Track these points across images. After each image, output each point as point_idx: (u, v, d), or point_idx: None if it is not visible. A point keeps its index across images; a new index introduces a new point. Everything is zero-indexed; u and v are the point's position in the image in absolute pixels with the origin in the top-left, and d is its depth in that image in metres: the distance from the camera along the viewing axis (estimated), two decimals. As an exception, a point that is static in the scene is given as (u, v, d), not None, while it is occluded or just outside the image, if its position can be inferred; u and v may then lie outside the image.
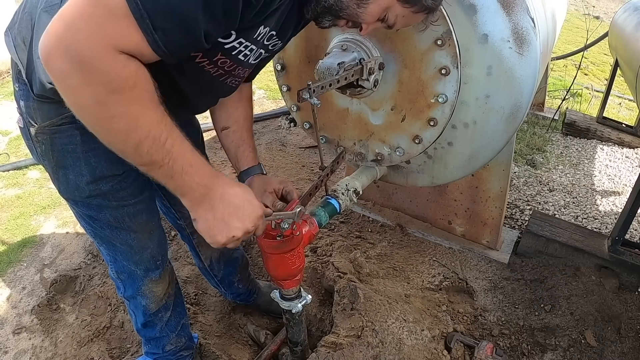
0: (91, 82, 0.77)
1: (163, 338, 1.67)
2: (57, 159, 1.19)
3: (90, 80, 0.76)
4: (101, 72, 0.76)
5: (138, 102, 0.81)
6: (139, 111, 0.82)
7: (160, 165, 0.88)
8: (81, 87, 0.77)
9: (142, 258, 1.44)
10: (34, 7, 1.07)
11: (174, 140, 0.88)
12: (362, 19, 1.02)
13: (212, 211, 0.98)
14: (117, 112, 0.80)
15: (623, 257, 2.26)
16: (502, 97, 1.45)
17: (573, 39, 7.09)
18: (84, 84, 0.77)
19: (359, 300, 1.83)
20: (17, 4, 1.17)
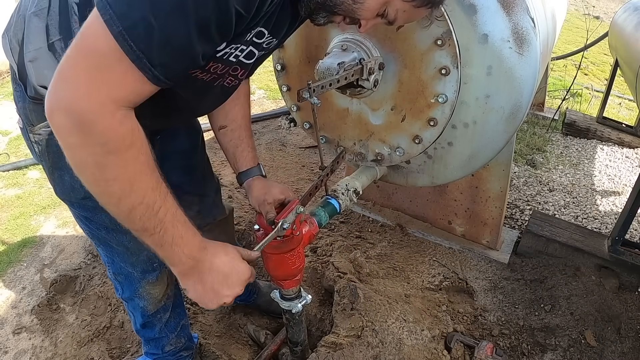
0: (89, 142, 0.76)
1: (162, 339, 1.67)
2: (53, 160, 1.19)
3: (88, 140, 0.76)
4: (98, 131, 0.76)
5: (134, 164, 0.81)
6: (134, 175, 0.82)
7: (152, 233, 0.88)
8: (80, 146, 0.77)
9: (139, 260, 1.43)
10: (26, 9, 1.07)
11: (167, 209, 0.88)
12: (359, 14, 0.98)
13: (201, 283, 1.00)
14: (113, 174, 0.80)
15: (623, 257, 2.26)
16: (502, 97, 1.45)
17: (573, 39, 7.09)
18: (83, 143, 0.77)
19: (359, 300, 1.83)
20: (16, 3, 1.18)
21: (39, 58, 1.06)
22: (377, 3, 0.96)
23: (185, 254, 0.95)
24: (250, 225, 2.58)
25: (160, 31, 0.74)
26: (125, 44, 0.73)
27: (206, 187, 1.67)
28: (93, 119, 0.75)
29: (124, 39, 0.73)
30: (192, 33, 0.78)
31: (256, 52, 1.05)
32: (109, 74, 0.75)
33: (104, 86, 0.75)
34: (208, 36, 0.81)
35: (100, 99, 0.75)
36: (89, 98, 0.74)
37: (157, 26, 0.74)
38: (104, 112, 0.75)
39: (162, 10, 0.73)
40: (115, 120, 0.77)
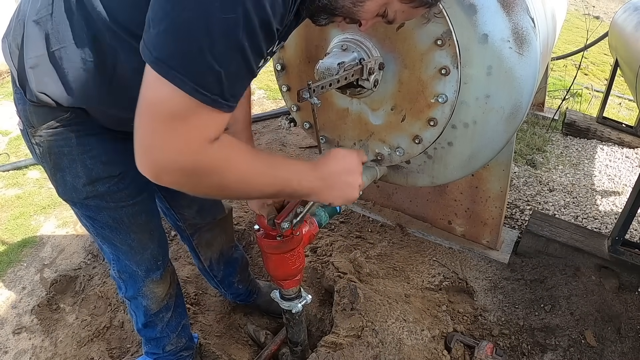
0: (206, 180, 0.86)
1: (163, 338, 1.67)
2: (54, 161, 1.20)
3: (201, 181, 0.86)
4: (206, 172, 0.85)
5: (243, 163, 0.91)
6: (247, 171, 0.92)
7: (282, 189, 1.00)
8: (196, 184, 0.87)
9: (143, 258, 1.44)
10: (25, 15, 1.07)
11: (277, 167, 0.98)
12: (359, 16, 1.00)
13: (335, 188, 1.12)
14: (233, 183, 0.91)
15: (623, 257, 2.26)
16: (502, 97, 1.45)
17: (573, 39, 7.09)
18: (198, 183, 0.86)
19: (359, 300, 1.83)
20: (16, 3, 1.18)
21: (39, 65, 1.06)
22: (377, 5, 0.98)
23: (310, 180, 1.06)
24: (250, 225, 2.58)
25: (228, 72, 0.79)
26: (201, 96, 0.78)
27: None
28: (196, 165, 0.83)
29: (198, 92, 0.77)
30: (252, 61, 0.83)
31: (269, 57, 1.09)
32: (192, 124, 0.80)
33: (193, 138, 0.81)
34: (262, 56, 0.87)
35: (193, 148, 0.81)
36: (185, 153, 0.81)
37: (223, 71, 0.78)
38: (201, 155, 0.83)
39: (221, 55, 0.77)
40: (213, 150, 0.84)
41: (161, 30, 0.76)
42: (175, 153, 0.80)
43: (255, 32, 0.79)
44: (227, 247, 1.88)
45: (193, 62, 0.76)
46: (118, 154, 1.25)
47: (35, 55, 1.06)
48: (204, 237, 1.78)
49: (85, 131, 1.17)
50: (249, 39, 0.79)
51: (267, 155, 1.00)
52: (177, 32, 0.75)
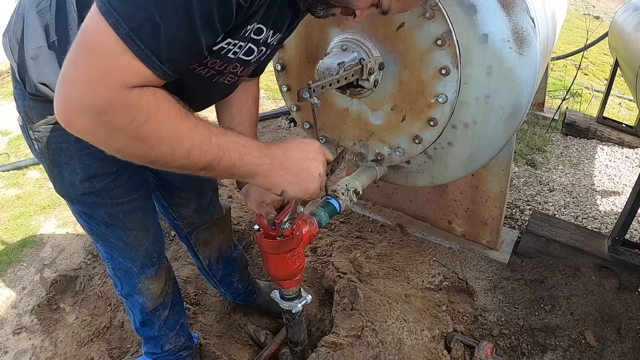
0: (118, 127, 0.77)
1: (162, 337, 1.67)
2: (52, 157, 1.21)
3: (115, 126, 0.76)
4: (122, 111, 0.76)
5: (170, 120, 0.81)
6: (175, 127, 0.82)
7: (219, 160, 0.88)
8: (110, 135, 0.77)
9: (138, 255, 1.45)
10: (25, 8, 1.09)
11: (217, 134, 0.88)
12: (354, 5, 0.99)
13: (289, 171, 0.99)
14: (156, 136, 0.81)
15: (623, 257, 2.26)
16: (502, 97, 1.45)
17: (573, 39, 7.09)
18: (112, 131, 0.77)
19: (359, 300, 1.83)
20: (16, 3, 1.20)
21: (40, 56, 1.07)
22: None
23: (256, 155, 0.94)
24: (250, 225, 2.58)
25: (167, 29, 0.75)
26: (134, 45, 0.73)
27: (204, 186, 1.67)
28: (111, 105, 0.74)
29: (132, 40, 0.73)
30: (198, 27, 0.78)
31: (255, 48, 1.05)
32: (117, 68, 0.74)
33: (113, 76, 0.74)
34: (212, 27, 0.81)
35: (112, 85, 0.74)
36: (101, 89, 0.73)
37: (163, 25, 0.74)
38: (119, 95, 0.75)
39: (167, 9, 0.73)
40: (134, 96, 0.76)
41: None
42: (90, 91, 0.73)
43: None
44: (225, 247, 1.88)
45: (136, 8, 0.72)
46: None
47: (36, 47, 1.07)
48: (201, 236, 1.78)
49: None
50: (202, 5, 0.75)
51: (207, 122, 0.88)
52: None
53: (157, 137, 0.80)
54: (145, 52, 0.74)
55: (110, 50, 0.73)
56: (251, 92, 1.41)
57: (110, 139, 0.78)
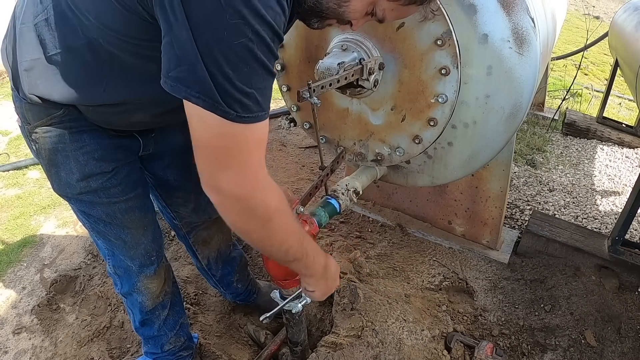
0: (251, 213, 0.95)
1: (161, 337, 1.68)
2: (49, 157, 1.22)
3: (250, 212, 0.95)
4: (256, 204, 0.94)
5: (287, 222, 1.01)
6: (288, 230, 1.02)
7: (301, 259, 1.10)
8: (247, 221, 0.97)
9: (137, 253, 1.46)
10: (18, 19, 1.10)
11: (305, 239, 1.09)
12: (347, 16, 1.00)
13: (324, 280, 1.25)
14: (276, 235, 1.01)
15: (623, 257, 2.26)
16: (502, 97, 1.45)
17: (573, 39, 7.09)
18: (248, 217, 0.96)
19: (359, 300, 1.83)
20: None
21: (34, 68, 1.09)
22: (363, 4, 0.97)
23: (321, 264, 1.20)
24: (250, 225, 2.58)
25: (257, 91, 0.85)
26: (246, 119, 0.85)
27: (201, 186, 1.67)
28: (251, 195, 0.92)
29: (240, 117, 0.84)
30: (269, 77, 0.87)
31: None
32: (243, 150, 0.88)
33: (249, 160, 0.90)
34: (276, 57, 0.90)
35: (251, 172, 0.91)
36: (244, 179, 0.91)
37: (252, 91, 0.84)
38: (261, 180, 0.92)
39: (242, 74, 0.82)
40: (266, 191, 0.93)
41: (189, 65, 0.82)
42: (233, 184, 0.89)
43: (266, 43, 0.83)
44: (224, 246, 1.88)
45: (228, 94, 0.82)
46: (111, 150, 1.26)
47: (30, 59, 1.08)
48: (200, 236, 1.78)
49: (78, 128, 1.19)
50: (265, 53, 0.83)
51: (299, 222, 1.11)
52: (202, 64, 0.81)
53: (278, 235, 1.01)
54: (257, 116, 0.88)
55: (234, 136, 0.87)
56: None
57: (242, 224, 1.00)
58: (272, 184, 0.96)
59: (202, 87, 0.81)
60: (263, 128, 0.89)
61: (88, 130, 1.20)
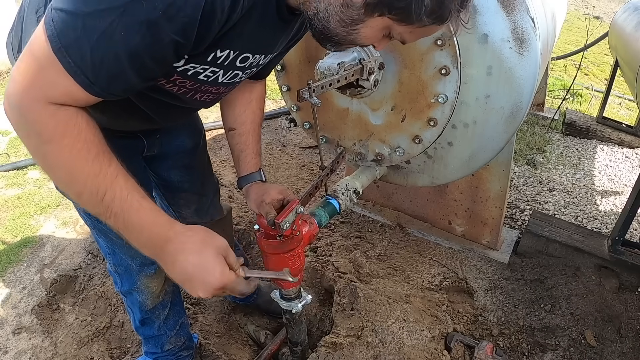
0: (28, 134, 0.83)
1: (161, 337, 1.67)
2: None
3: (27, 132, 0.83)
4: (32, 123, 0.81)
5: (70, 152, 0.82)
6: (73, 163, 0.83)
7: (105, 218, 0.88)
8: (25, 137, 0.84)
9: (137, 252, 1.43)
10: (25, 11, 1.10)
11: (114, 195, 0.86)
12: (360, 42, 0.97)
13: (172, 270, 0.94)
14: (53, 162, 0.84)
15: (623, 257, 2.26)
16: (502, 97, 1.45)
17: (573, 39, 7.09)
18: (25, 135, 0.83)
19: (359, 300, 1.83)
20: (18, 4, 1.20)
21: None
22: (374, 31, 0.94)
23: (142, 241, 0.92)
24: (250, 225, 2.58)
25: (92, 56, 0.78)
26: (64, 60, 0.77)
27: (205, 187, 1.67)
28: (26, 113, 0.80)
29: (62, 55, 0.77)
30: (123, 61, 0.79)
31: (240, 72, 1.06)
32: (44, 77, 0.79)
33: (38, 86, 0.79)
34: (142, 64, 0.82)
35: (33, 95, 0.79)
36: (24, 94, 0.79)
37: (89, 50, 0.77)
38: (35, 106, 0.80)
39: (92, 36, 0.76)
40: (47, 112, 0.80)
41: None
42: (19, 93, 0.79)
43: (134, 35, 0.77)
44: None
45: (69, 27, 0.76)
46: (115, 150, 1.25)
47: None
48: None
49: None
50: (126, 41, 0.77)
51: (120, 175, 0.87)
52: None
53: (55, 162, 0.84)
54: (74, 69, 0.78)
55: (42, 60, 0.78)
56: (256, 93, 1.39)
57: (24, 140, 0.84)
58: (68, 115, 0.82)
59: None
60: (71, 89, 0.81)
61: None
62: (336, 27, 0.93)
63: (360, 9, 0.88)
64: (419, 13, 0.85)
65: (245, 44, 0.99)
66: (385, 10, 0.87)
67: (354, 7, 0.89)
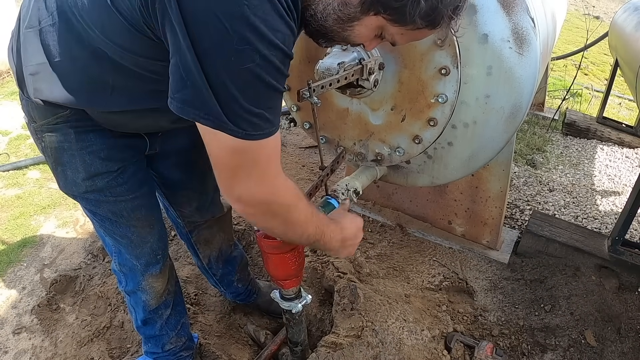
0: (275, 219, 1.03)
1: (163, 337, 1.68)
2: (55, 155, 1.23)
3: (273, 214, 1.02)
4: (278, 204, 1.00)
5: (304, 214, 1.06)
6: (305, 219, 1.07)
7: (319, 240, 1.14)
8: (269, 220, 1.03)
9: (143, 252, 1.46)
10: (25, 22, 1.10)
11: (320, 219, 1.14)
12: (353, 40, 1.00)
13: (344, 248, 1.26)
14: (296, 228, 1.07)
15: (623, 257, 2.26)
16: (502, 97, 1.45)
17: (573, 39, 7.09)
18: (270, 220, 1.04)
19: (359, 300, 1.83)
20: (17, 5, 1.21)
21: (40, 72, 1.09)
22: (368, 29, 0.96)
23: (337, 240, 1.20)
24: (250, 225, 2.58)
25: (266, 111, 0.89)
26: (256, 136, 0.89)
27: (206, 185, 1.67)
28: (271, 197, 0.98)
29: (250, 135, 0.88)
30: (278, 92, 0.91)
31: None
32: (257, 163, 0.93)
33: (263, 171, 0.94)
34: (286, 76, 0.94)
35: (268, 179, 0.96)
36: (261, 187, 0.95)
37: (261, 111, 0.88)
38: (275, 185, 0.97)
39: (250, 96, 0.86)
40: (283, 185, 0.99)
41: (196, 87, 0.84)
42: (251, 194, 0.94)
43: (276, 66, 0.86)
44: (226, 246, 1.88)
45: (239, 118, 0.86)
46: (117, 149, 1.26)
47: (36, 63, 1.08)
48: (202, 235, 1.78)
49: (84, 127, 1.19)
50: (273, 75, 0.86)
51: (313, 205, 1.15)
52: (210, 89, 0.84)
53: (297, 221, 1.06)
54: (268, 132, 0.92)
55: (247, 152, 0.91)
56: None
57: (266, 224, 1.07)
58: (288, 184, 1.01)
59: (209, 109, 0.84)
60: (275, 141, 0.93)
61: (94, 130, 1.21)
62: (333, 25, 0.96)
63: (357, 6, 0.91)
64: (413, 14, 0.88)
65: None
66: (381, 9, 0.90)
67: (351, 5, 0.91)
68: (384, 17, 0.91)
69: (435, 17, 0.90)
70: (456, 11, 0.93)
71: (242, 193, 0.94)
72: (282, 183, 0.99)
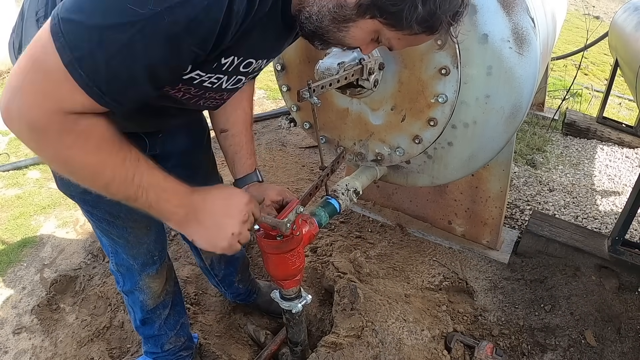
0: (47, 144, 0.81)
1: (162, 336, 1.68)
2: None
3: (45, 143, 0.81)
4: (52, 137, 0.79)
5: (96, 152, 0.84)
6: (98, 161, 0.85)
7: (135, 199, 0.91)
8: (40, 148, 0.82)
9: (139, 252, 1.46)
10: (25, 13, 1.09)
11: (142, 174, 0.90)
12: (348, 43, 0.98)
13: (201, 224, 1.01)
14: (77, 165, 0.84)
15: (623, 257, 2.26)
16: (502, 97, 1.45)
17: (573, 39, 7.09)
18: (42, 146, 0.82)
19: (359, 300, 1.83)
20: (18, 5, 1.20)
21: None
22: (364, 32, 0.94)
23: (175, 204, 0.97)
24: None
25: (107, 68, 0.76)
26: (75, 73, 0.75)
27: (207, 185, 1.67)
28: (44, 127, 0.78)
29: (74, 67, 0.75)
30: (140, 74, 0.79)
31: (243, 78, 1.07)
32: (58, 90, 0.77)
33: (52, 100, 0.77)
34: (158, 75, 0.82)
35: (49, 109, 0.77)
36: (38, 109, 0.77)
37: (104, 63, 0.75)
38: (54, 118, 0.78)
39: (110, 48, 0.75)
40: (68, 122, 0.79)
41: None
42: (28, 103, 0.76)
43: (157, 50, 0.77)
44: None
45: (82, 39, 0.74)
46: None
47: None
48: None
49: None
50: (147, 55, 0.77)
51: (140, 158, 0.90)
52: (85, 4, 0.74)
53: (79, 164, 0.84)
54: (86, 81, 0.76)
55: (53, 74, 0.75)
56: (245, 94, 1.39)
57: (39, 152, 0.83)
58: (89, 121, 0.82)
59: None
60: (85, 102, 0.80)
61: None
62: (328, 24, 0.94)
63: (353, 9, 0.89)
64: (410, 20, 0.86)
65: (250, 51, 1.00)
66: (377, 12, 0.88)
67: (347, 7, 0.90)
68: (380, 21, 0.89)
69: (433, 23, 0.88)
70: (455, 17, 0.91)
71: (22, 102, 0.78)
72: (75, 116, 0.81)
